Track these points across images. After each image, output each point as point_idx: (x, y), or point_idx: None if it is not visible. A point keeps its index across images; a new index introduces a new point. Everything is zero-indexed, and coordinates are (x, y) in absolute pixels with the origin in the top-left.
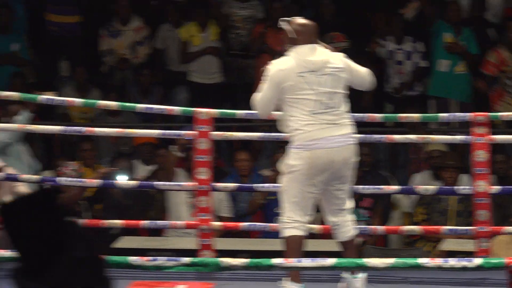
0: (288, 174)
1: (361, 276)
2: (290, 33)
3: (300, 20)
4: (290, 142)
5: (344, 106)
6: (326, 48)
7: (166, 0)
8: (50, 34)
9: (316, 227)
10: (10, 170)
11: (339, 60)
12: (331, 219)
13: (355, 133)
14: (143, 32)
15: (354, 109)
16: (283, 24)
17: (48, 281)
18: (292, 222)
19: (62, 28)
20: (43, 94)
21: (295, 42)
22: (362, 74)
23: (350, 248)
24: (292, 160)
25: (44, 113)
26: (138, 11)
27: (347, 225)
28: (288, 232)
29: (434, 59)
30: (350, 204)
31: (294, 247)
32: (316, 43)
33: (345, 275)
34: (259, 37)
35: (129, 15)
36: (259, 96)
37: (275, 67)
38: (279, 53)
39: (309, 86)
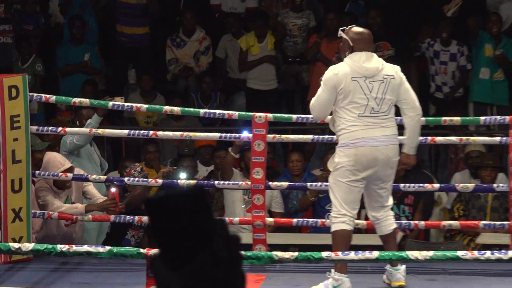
0: (335, 171)
1: (402, 268)
2: (347, 41)
3: (357, 28)
4: (338, 141)
5: (392, 112)
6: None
7: (227, 12)
8: (120, 44)
9: (361, 222)
10: (78, 171)
11: (393, 70)
12: (373, 214)
13: (397, 135)
14: (206, 42)
15: (398, 111)
16: (341, 33)
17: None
18: (341, 216)
19: (132, 39)
20: (111, 98)
21: (352, 49)
22: (411, 94)
23: (391, 242)
24: (338, 158)
25: (113, 118)
26: (201, 23)
27: (388, 220)
28: (336, 226)
29: (476, 67)
30: (391, 200)
31: (342, 240)
32: (372, 51)
33: (387, 267)
34: (313, 46)
35: (193, 27)
36: (315, 100)
37: (331, 72)
38: (334, 61)
39: (361, 91)
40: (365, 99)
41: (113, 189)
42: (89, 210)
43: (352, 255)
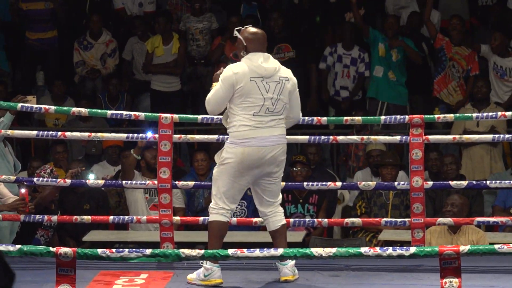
0: (221, 165)
1: (290, 263)
2: (241, 41)
3: (252, 29)
4: (228, 137)
5: (285, 112)
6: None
7: (135, 15)
8: (28, 47)
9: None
10: None
11: (287, 73)
12: (262, 209)
13: (286, 134)
14: (112, 45)
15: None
16: (236, 33)
17: None
18: (219, 209)
19: (40, 42)
20: (24, 98)
21: (246, 49)
22: (298, 102)
23: (279, 237)
24: (225, 153)
25: (22, 119)
26: (108, 26)
27: (276, 216)
28: (213, 217)
29: (371, 65)
30: (279, 197)
31: (217, 231)
32: (266, 51)
33: (276, 262)
34: (217, 48)
35: (100, 30)
36: (212, 95)
37: (230, 71)
38: (231, 58)
39: (258, 91)
40: (261, 99)
41: (22, 190)
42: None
43: (257, 252)
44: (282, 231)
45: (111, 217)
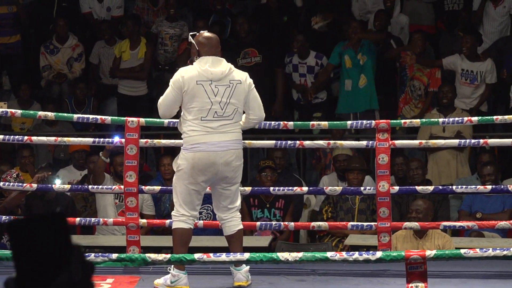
0: (177, 172)
1: (244, 268)
2: (194, 45)
3: (205, 33)
4: (182, 143)
5: (237, 117)
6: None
7: (102, 19)
8: None
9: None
10: None
11: (241, 75)
12: (219, 214)
13: (241, 139)
14: (79, 49)
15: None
16: (191, 37)
17: None
18: (180, 216)
19: (4, 47)
20: None
21: (199, 53)
22: (257, 102)
23: (234, 242)
24: (180, 160)
25: None
26: (74, 30)
27: (233, 221)
28: (175, 225)
29: (341, 81)
30: (237, 202)
31: (180, 238)
32: (220, 55)
33: (231, 267)
34: (184, 53)
35: (66, 34)
36: (162, 99)
37: (178, 74)
38: (188, 65)
39: (205, 95)
40: (209, 103)
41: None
42: None
43: (223, 256)
44: (237, 236)
45: (77, 219)
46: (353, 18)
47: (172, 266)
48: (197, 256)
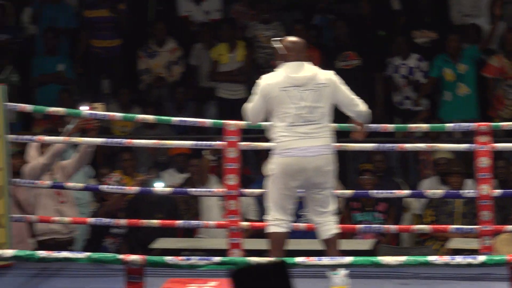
0: (268, 177)
1: (342, 272)
2: (280, 50)
3: (291, 38)
4: (273, 148)
5: (326, 120)
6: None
7: (200, 23)
8: (93, 55)
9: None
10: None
11: (326, 77)
12: (314, 218)
13: (331, 144)
14: (177, 52)
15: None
16: (275, 43)
17: None
18: (274, 220)
19: (105, 50)
20: (92, 106)
21: (284, 58)
22: (350, 97)
23: (330, 247)
24: (271, 165)
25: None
26: (173, 33)
27: (327, 225)
28: (270, 229)
29: (441, 90)
30: (331, 206)
31: (276, 242)
32: (305, 60)
33: (327, 271)
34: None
35: (165, 37)
36: (249, 106)
37: (264, 81)
38: (273, 67)
39: (290, 100)
40: (296, 108)
41: (84, 107)
42: (68, 135)
43: (325, 260)
44: (333, 240)
45: (179, 222)
46: (451, 25)
47: None
48: (299, 259)
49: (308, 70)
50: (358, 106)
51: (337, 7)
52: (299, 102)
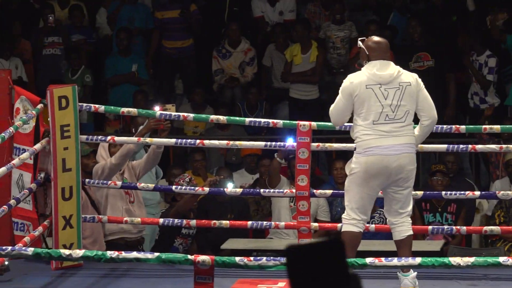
0: (350, 176)
1: (411, 274)
2: (364, 50)
3: (375, 38)
4: (355, 147)
5: (409, 119)
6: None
7: (275, 23)
8: (166, 56)
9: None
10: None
11: (410, 77)
12: (389, 218)
13: (414, 143)
14: (251, 53)
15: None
16: (359, 43)
17: None
18: (350, 219)
19: (177, 51)
20: (163, 107)
21: (369, 58)
22: (428, 102)
23: (403, 248)
24: (353, 164)
25: None
26: (246, 34)
27: (403, 226)
28: (345, 228)
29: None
30: (409, 207)
31: (350, 242)
32: (389, 59)
33: (398, 272)
34: (355, 56)
35: (238, 38)
36: (333, 107)
37: (347, 81)
38: (356, 68)
39: (375, 98)
40: (380, 106)
41: (156, 108)
42: (140, 135)
43: (395, 261)
44: (407, 241)
45: (249, 222)
46: None
47: None
48: (368, 260)
49: (392, 68)
50: (434, 110)
51: (412, 6)
52: (383, 100)
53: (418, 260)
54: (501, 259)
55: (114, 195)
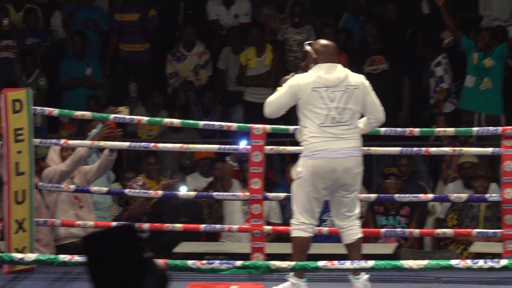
0: (296, 180)
1: (363, 277)
2: (312, 53)
3: (322, 41)
4: (302, 151)
5: (355, 122)
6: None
7: (230, 26)
8: (121, 59)
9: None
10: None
11: (357, 80)
12: (338, 222)
13: (361, 146)
14: (205, 56)
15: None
16: (307, 46)
17: None
18: (299, 224)
19: (133, 54)
20: (117, 109)
21: (316, 61)
22: (376, 104)
23: (354, 251)
24: (299, 167)
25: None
26: (201, 37)
27: (352, 229)
28: (295, 233)
29: (466, 73)
30: (357, 210)
31: (300, 247)
32: (337, 62)
33: (350, 276)
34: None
35: (193, 41)
36: (273, 99)
37: (294, 80)
38: (302, 67)
39: (321, 101)
40: (325, 109)
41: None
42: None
43: (348, 264)
44: (357, 244)
45: (202, 226)
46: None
47: (291, 273)
48: (321, 263)
49: (340, 71)
50: (381, 113)
51: (366, 10)
52: (329, 102)
53: (371, 263)
54: (454, 261)
55: (63, 200)
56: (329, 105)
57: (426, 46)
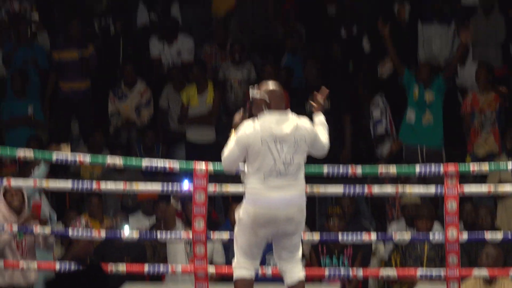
0: (238, 224)
1: None
2: (259, 101)
3: (269, 86)
4: (244, 194)
5: (301, 172)
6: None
7: (172, 65)
8: (63, 97)
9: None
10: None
11: (305, 128)
12: (280, 265)
13: (304, 194)
14: (147, 95)
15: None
16: (252, 91)
17: None
18: (240, 266)
19: (73, 92)
20: (57, 147)
21: (264, 107)
22: (323, 143)
23: None
24: (241, 213)
25: (58, 170)
26: (143, 75)
27: (293, 272)
28: (237, 274)
29: (407, 107)
30: (299, 254)
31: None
32: (284, 108)
33: None
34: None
35: (134, 79)
36: (227, 155)
37: (243, 131)
38: (246, 107)
39: (269, 154)
40: (272, 162)
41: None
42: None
43: None
44: (300, 286)
45: (146, 267)
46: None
47: None
48: None
49: (290, 122)
50: (325, 149)
51: (307, 47)
52: (277, 155)
53: None
54: None
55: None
56: (276, 159)
57: (365, 84)
